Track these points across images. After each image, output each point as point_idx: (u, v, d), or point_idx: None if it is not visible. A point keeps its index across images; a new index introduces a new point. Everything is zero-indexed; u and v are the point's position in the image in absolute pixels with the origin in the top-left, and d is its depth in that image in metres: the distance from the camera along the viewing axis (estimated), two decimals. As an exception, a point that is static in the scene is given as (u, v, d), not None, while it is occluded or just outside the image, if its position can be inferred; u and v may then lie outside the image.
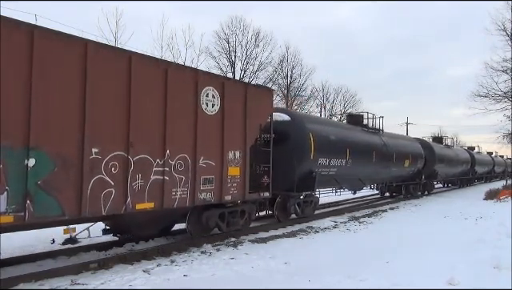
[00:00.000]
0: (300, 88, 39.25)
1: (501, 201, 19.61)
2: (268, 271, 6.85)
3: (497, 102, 27.03)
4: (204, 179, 8.41)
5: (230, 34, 34.05)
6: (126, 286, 5.99)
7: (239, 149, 9.34)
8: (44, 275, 6.24)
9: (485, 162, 40.95)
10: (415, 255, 8.17)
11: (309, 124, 12.58)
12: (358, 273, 6.58)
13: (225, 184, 8.89)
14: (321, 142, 12.72)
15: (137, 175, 7.03)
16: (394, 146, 18.64)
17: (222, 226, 9.37)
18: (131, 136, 6.90)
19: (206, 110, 8.49)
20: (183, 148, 7.96)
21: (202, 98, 8.38)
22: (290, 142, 12.10)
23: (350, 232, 11.23)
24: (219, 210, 9.23)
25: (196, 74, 8.25)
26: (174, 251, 8.19)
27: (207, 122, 8.49)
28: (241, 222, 9.90)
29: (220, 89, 8.82)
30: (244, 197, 9.48)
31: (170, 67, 7.64)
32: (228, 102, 8.98)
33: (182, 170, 7.91)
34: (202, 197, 8.39)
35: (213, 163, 8.62)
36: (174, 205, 7.76)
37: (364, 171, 15.83)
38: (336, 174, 13.92)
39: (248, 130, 9.54)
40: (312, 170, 12.50)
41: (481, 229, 11.31)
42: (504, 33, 25.80)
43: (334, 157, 13.49)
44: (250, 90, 9.71)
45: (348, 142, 14.45)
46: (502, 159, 54.49)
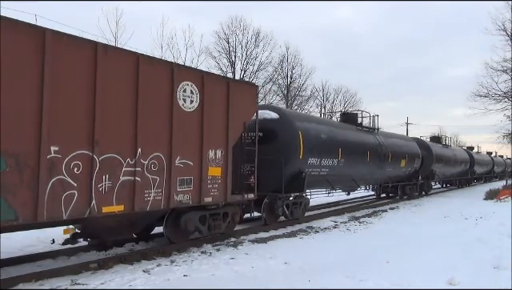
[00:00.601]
0: (300, 88, 39.19)
1: (501, 201, 19.56)
2: (268, 271, 6.84)
3: (497, 102, 27.09)
4: (181, 179, 7.88)
5: (230, 34, 34.09)
6: (126, 286, 5.99)
7: (221, 148, 8.81)
8: (44, 275, 6.23)
9: (484, 162, 40.43)
10: (415, 255, 8.13)
11: (298, 122, 12.06)
12: (358, 273, 6.56)
13: (204, 185, 8.37)
14: (311, 141, 12.20)
15: (103, 176, 6.50)
16: (390, 145, 18.12)
17: (202, 229, 8.84)
18: (97, 133, 6.37)
19: (184, 106, 7.97)
20: (157, 147, 7.43)
21: (179, 93, 7.86)
22: (278, 141, 11.59)
23: (350, 232, 11.18)
24: (199, 212, 8.71)
25: (171, 67, 7.72)
26: (173, 251, 8.19)
27: (185, 120, 7.97)
28: (224, 225, 9.37)
29: (199, 84, 8.29)
30: (226, 199, 8.95)
31: (141, 60, 7.11)
32: (208, 99, 8.45)
33: (155, 170, 7.39)
34: (179, 199, 7.86)
35: (191, 162, 8.10)
36: (146, 208, 7.24)
37: (358, 171, 15.31)
38: (328, 174, 13.39)
39: (230, 128, 9.02)
40: (301, 170, 11.98)
41: (481, 229, 11.26)
42: (504, 33, 25.80)
43: (326, 157, 12.96)
44: (233, 85, 9.19)
45: (340, 141, 13.93)
46: (502, 158, 53.95)
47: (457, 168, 30.12)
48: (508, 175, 46.41)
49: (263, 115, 11.84)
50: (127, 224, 7.68)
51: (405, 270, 6.83)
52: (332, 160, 13.32)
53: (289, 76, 38.19)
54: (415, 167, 21.29)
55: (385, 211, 16.33)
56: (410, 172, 20.97)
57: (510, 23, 25.42)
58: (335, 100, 47.15)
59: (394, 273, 6.61)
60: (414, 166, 21.01)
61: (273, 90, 36.94)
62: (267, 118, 11.77)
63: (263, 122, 11.73)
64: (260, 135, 11.60)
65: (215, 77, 8.92)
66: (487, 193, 23.70)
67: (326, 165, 13.07)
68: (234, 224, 9.91)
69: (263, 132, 11.65)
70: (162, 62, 7.67)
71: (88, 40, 6.36)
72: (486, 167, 41.37)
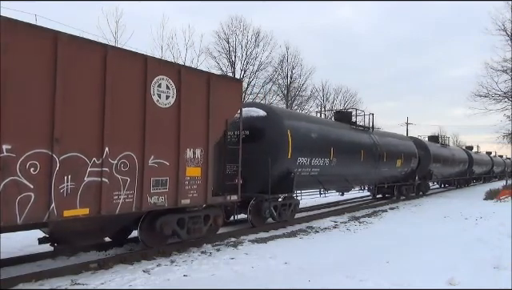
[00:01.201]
0: (300, 88, 39.16)
1: (501, 201, 19.43)
2: (268, 271, 6.82)
3: (497, 102, 27.01)
4: (155, 180, 7.37)
5: (230, 34, 34.08)
6: (126, 286, 5.97)
7: (200, 147, 8.30)
8: (44, 275, 6.21)
9: (483, 162, 39.90)
10: (415, 255, 8.11)
11: (287, 120, 11.54)
12: (358, 273, 6.55)
13: (182, 186, 7.86)
14: (300, 139, 11.69)
15: (65, 177, 5.99)
16: (385, 144, 17.61)
17: (180, 233, 8.32)
18: (57, 130, 5.85)
19: (159, 102, 7.45)
20: (128, 146, 6.92)
21: (153, 88, 7.35)
22: (265, 139, 11.07)
23: (350, 232, 11.15)
24: (177, 215, 8.20)
25: (144, 60, 7.19)
26: (173, 251, 8.17)
27: (159, 117, 7.46)
28: (205, 228, 8.85)
29: (176, 79, 7.78)
30: (206, 200, 8.44)
31: (109, 52, 6.59)
32: (186, 94, 7.94)
33: (126, 170, 6.87)
34: (153, 201, 7.35)
35: (166, 162, 7.59)
36: (115, 211, 6.72)
37: (351, 171, 14.80)
38: (319, 174, 12.88)
39: (211, 126, 8.51)
40: (290, 170, 11.47)
41: (481, 229, 11.22)
42: (504, 33, 25.68)
43: (316, 156, 12.45)
44: (215, 80, 8.67)
45: (332, 140, 13.41)
46: (501, 158, 53.42)
47: (455, 168, 29.61)
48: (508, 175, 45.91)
49: (250, 113, 11.34)
50: (97, 228, 7.17)
51: (405, 270, 6.78)
52: (323, 160, 12.81)
53: (289, 76, 38.24)
54: (412, 167, 20.78)
55: (385, 211, 16.23)
56: (407, 172, 20.45)
57: (510, 23, 25.38)
58: (335, 100, 47.36)
59: (394, 273, 6.57)
60: (410, 166, 20.50)
61: (273, 90, 37.09)
62: (254, 116, 11.26)
63: (250, 120, 11.23)
64: (246, 134, 11.13)
65: (194, 71, 8.40)
66: (487, 193, 23.49)
67: (317, 165, 12.56)
68: (216, 227, 9.40)
69: (250, 130, 11.16)
70: (133, 55, 7.15)
71: (46, 29, 5.84)
72: (485, 167, 40.85)
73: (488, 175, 43.28)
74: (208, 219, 8.96)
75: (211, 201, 8.62)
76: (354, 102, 47.44)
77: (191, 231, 8.51)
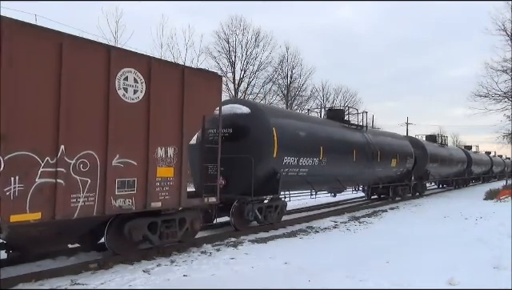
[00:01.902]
0: (300, 88, 39.16)
1: (501, 201, 19.36)
2: (268, 271, 6.82)
3: (497, 102, 27.00)
4: (121, 181, 6.78)
5: (230, 33, 34.21)
6: (126, 286, 5.97)
7: (173, 145, 7.71)
8: (44, 275, 6.18)
9: (482, 161, 39.32)
10: (415, 255, 8.11)
11: (272, 118, 10.96)
12: (358, 273, 6.54)
13: (152, 188, 7.27)
14: (286, 138, 11.11)
15: (12, 178, 5.40)
16: (379, 144, 17.02)
17: (152, 239, 7.74)
18: (2, 127, 5.28)
19: (125, 96, 6.87)
20: (88, 144, 6.33)
21: (119, 81, 6.76)
22: (249, 138, 10.50)
23: (350, 232, 11.13)
24: (148, 219, 7.62)
25: (107, 51, 6.60)
26: (173, 251, 8.14)
27: (126, 112, 6.87)
28: (180, 233, 8.27)
29: (145, 71, 7.19)
30: (180, 203, 7.85)
31: (65, 41, 6.00)
32: (157, 88, 7.35)
33: (86, 171, 6.29)
34: (118, 204, 6.76)
35: (134, 162, 7.00)
36: (73, 215, 6.13)
37: (342, 171, 14.21)
38: (308, 174, 12.30)
39: (186, 123, 7.92)
40: (276, 170, 10.88)
41: (481, 229, 11.21)
42: (504, 33, 25.66)
43: (304, 156, 11.86)
44: (190, 74, 8.08)
45: (322, 138, 12.83)
46: (501, 158, 52.82)
47: (453, 168, 29.03)
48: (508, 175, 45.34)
49: (234, 110, 10.77)
50: (54, 234, 6.59)
51: (405, 270, 6.77)
52: (312, 159, 12.22)
53: (289, 76, 38.23)
54: (407, 167, 20.18)
55: (385, 211, 16.15)
56: (402, 172, 19.86)
57: (510, 23, 25.27)
58: (335, 100, 47.16)
59: (394, 273, 6.56)
60: (406, 166, 19.90)
61: (273, 90, 37.10)
62: (238, 113, 10.68)
63: (233, 118, 10.67)
64: (229, 132, 10.59)
65: (166, 64, 7.82)
66: (487, 193, 23.32)
67: (305, 165, 11.97)
68: (194, 232, 8.81)
69: (233, 128, 10.61)
70: (94, 45, 6.55)
71: (-11, 13, 5.26)
72: (484, 167, 40.26)
73: (487, 175, 42.68)
74: (184, 223, 8.38)
75: (186, 204, 8.03)
76: (354, 102, 47.22)
77: (164, 236, 7.92)
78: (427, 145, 23.96)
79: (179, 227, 8.25)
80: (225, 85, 34.21)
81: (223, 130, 10.67)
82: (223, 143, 10.54)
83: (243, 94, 34.50)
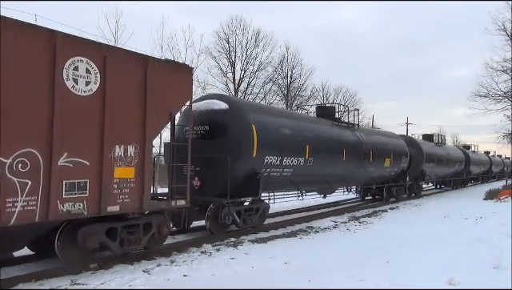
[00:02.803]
0: (300, 88, 39.13)
1: (501, 201, 19.25)
2: (268, 271, 6.82)
3: (497, 102, 26.91)
4: (69, 183, 6.07)
5: (230, 33, 34.09)
6: (126, 286, 5.96)
7: (134, 143, 7.00)
8: (44, 275, 6.17)
9: (481, 161, 38.59)
10: (415, 255, 8.09)
11: (252, 114, 10.24)
12: (358, 273, 6.52)
13: (108, 190, 6.55)
14: (268, 136, 10.40)
15: None
16: (372, 143, 16.30)
17: (111, 246, 7.02)
18: None
19: (75, 88, 6.16)
20: (29, 141, 5.61)
21: (67, 72, 6.05)
22: (227, 135, 9.79)
23: (350, 232, 11.12)
24: (106, 224, 6.91)
25: (51, 37, 5.88)
26: (174, 251, 8.13)
27: (76, 106, 6.17)
28: (145, 239, 7.55)
29: (100, 61, 6.47)
30: (142, 206, 7.13)
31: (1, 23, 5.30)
32: (114, 80, 6.65)
33: (26, 172, 5.57)
34: (66, 209, 6.05)
35: (86, 161, 6.29)
36: (10, 221, 5.41)
37: (332, 171, 13.49)
38: (293, 175, 11.59)
39: (150, 119, 7.20)
40: (256, 170, 10.16)
41: (481, 229, 11.20)
42: (504, 33, 25.54)
43: (289, 155, 11.15)
44: (154, 66, 7.36)
45: (308, 137, 12.11)
46: (500, 158, 52.09)
47: (450, 168, 28.30)
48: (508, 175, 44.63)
49: (211, 106, 10.06)
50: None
51: (405, 270, 6.77)
52: (297, 159, 11.51)
53: (289, 76, 38.08)
54: (402, 167, 19.45)
55: (385, 211, 16.08)
56: (397, 172, 19.13)
57: (510, 23, 25.10)
58: (335, 100, 46.94)
59: (394, 273, 6.57)
60: (400, 165, 19.17)
61: (273, 90, 37.01)
62: (215, 109, 9.97)
63: (211, 114, 9.97)
64: (206, 129, 9.89)
65: (126, 53, 7.08)
66: (487, 193, 23.14)
67: (290, 165, 11.26)
68: (161, 237, 8.08)
69: (210, 125, 9.91)
70: (36, 30, 5.83)
71: None
72: (483, 167, 39.53)
73: (486, 175, 41.96)
74: (150, 228, 7.66)
75: (149, 207, 7.32)
76: (354, 102, 47.24)
77: (126, 242, 7.20)
78: (423, 144, 23.24)
79: (144, 233, 7.54)
80: (225, 85, 34.36)
81: (199, 127, 10.02)
82: (199, 141, 9.91)
83: (243, 94, 34.33)
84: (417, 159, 21.43)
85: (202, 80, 31.74)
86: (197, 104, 10.45)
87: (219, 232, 9.68)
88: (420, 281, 6.11)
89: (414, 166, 21.13)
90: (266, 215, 11.05)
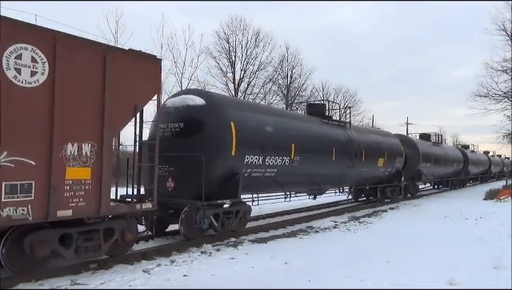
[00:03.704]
0: (300, 88, 38.89)
1: (501, 201, 19.17)
2: (268, 271, 6.82)
3: (497, 102, 26.87)
4: (10, 185, 5.42)
5: (230, 33, 33.95)
6: (126, 286, 5.96)
7: (90, 141, 6.34)
8: (44, 275, 6.14)
9: (480, 161, 37.91)
10: (415, 255, 8.09)
11: (231, 110, 9.58)
12: (358, 273, 6.52)
13: (58, 193, 5.89)
14: (249, 134, 9.75)
15: None
16: (364, 141, 15.63)
17: (65, 254, 6.35)
18: None
19: (17, 79, 5.50)
20: (-42, 137, 4.97)
21: (7, 60, 5.40)
22: (203, 133, 9.13)
23: (350, 232, 11.11)
24: (59, 231, 6.24)
25: (-13, 20, 5.25)
26: (174, 251, 8.12)
27: (19, 99, 5.52)
28: (106, 246, 6.88)
29: (48, 50, 5.82)
30: (100, 210, 6.46)
31: None
32: (66, 71, 5.99)
33: (-45, 172, 4.92)
34: (7, 214, 5.39)
35: (31, 161, 5.63)
36: None
37: (320, 171, 12.83)
38: (277, 175, 10.92)
39: (109, 115, 6.53)
40: (235, 170, 9.49)
41: (481, 229, 11.18)
42: (504, 33, 25.48)
43: (272, 154, 10.48)
44: (115, 56, 6.70)
45: (294, 135, 11.45)
46: (500, 158, 51.39)
47: (448, 168, 27.63)
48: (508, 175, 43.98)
49: (186, 101, 9.41)
50: None
51: (405, 270, 6.78)
52: (282, 158, 10.84)
53: (289, 76, 37.92)
54: (397, 167, 18.78)
55: (385, 211, 16.05)
56: (391, 173, 18.45)
57: (510, 23, 25.01)
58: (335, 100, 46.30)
59: (394, 273, 6.57)
60: (395, 165, 18.51)
61: (273, 90, 36.82)
62: (191, 105, 9.31)
63: (186, 110, 9.32)
64: (181, 126, 9.24)
65: (80, 41, 6.39)
66: (487, 193, 23.04)
67: (273, 164, 10.59)
68: (126, 244, 7.41)
69: (185, 122, 9.26)
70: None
71: None
72: (481, 167, 38.85)
73: (485, 175, 41.28)
74: (112, 234, 7.00)
75: (108, 211, 6.66)
76: (354, 102, 46.84)
77: (82, 250, 6.54)
78: (419, 144, 22.58)
79: (105, 239, 6.87)
80: (225, 85, 34.08)
81: (174, 124, 9.37)
82: (174, 140, 9.28)
83: (243, 94, 34.10)
84: (413, 159, 20.77)
85: (202, 80, 31.62)
86: (172, 100, 9.83)
87: (195, 237, 9.00)
88: (420, 281, 6.09)
89: (410, 166, 20.46)
90: (247, 218, 10.37)
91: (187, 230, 8.81)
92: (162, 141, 9.39)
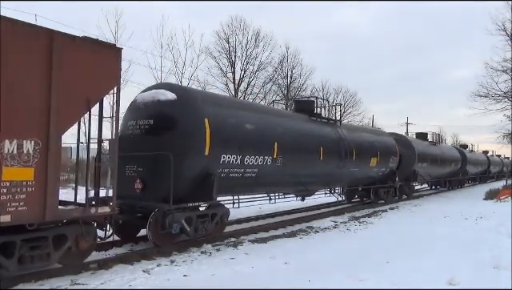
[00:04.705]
0: (300, 88, 38.75)
1: (501, 201, 19.12)
2: (268, 271, 6.83)
3: (497, 102, 26.83)
4: None
5: (230, 33, 33.86)
6: (126, 286, 5.96)
7: (33, 138, 5.66)
8: (44, 275, 6.13)
9: (478, 161, 37.21)
10: (415, 255, 8.08)
11: (206, 106, 8.90)
12: (357, 273, 6.53)
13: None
14: (226, 131, 9.07)
15: None
16: (355, 141, 14.94)
17: (5, 264, 5.65)
18: None
19: None
20: None
21: None
22: (175, 130, 8.47)
23: (350, 232, 11.11)
24: None
25: None
26: (174, 251, 8.07)
27: None
28: (56, 255, 6.19)
29: (-20, 33, 5.15)
30: (45, 215, 5.77)
31: None
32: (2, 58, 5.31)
33: None
34: None
35: (-43, 159, 4.95)
36: None
37: (306, 171, 12.14)
38: (258, 176, 10.23)
39: (56, 109, 5.86)
40: (210, 171, 8.80)
41: (481, 229, 11.20)
42: (504, 33, 25.45)
43: (252, 153, 9.79)
44: (64, 43, 6.02)
45: (277, 133, 10.76)
46: (499, 158, 50.67)
47: (446, 168, 26.93)
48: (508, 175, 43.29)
49: (157, 96, 8.74)
50: None
51: (405, 270, 6.78)
52: (263, 158, 10.15)
53: (289, 76, 37.86)
54: (391, 167, 18.08)
55: (385, 211, 16.02)
56: (385, 173, 17.75)
57: (510, 23, 24.97)
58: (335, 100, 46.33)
59: (394, 273, 6.59)
60: (389, 165, 17.81)
61: (273, 90, 36.72)
62: (161, 100, 8.64)
63: (156, 106, 8.67)
64: (150, 123, 8.58)
65: (20, 25, 5.71)
66: (487, 193, 22.98)
67: (254, 164, 9.90)
68: (81, 252, 6.71)
69: (155, 119, 8.61)
70: None
71: None
72: (480, 167, 38.13)
73: (484, 175, 40.56)
74: (64, 241, 6.31)
75: (55, 216, 5.96)
76: (354, 102, 46.83)
77: (27, 260, 5.84)
78: (415, 143, 21.88)
79: (55, 248, 6.18)
80: (225, 85, 33.82)
81: (143, 121, 8.70)
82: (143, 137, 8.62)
83: (243, 94, 33.83)
84: (408, 159, 20.05)
85: (202, 80, 31.19)
86: (142, 95, 9.17)
87: (165, 244, 8.30)
88: (420, 281, 6.09)
89: (405, 166, 19.75)
90: (224, 221, 9.65)
91: (155, 236, 8.09)
92: (130, 139, 8.82)
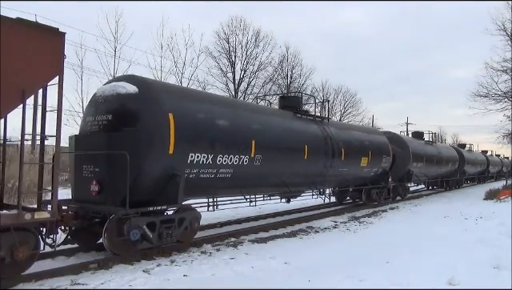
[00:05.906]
0: (300, 88, 38.42)
1: (501, 201, 19.07)
2: (268, 271, 6.83)
3: (497, 102, 26.74)
4: None
5: (230, 33, 33.85)
6: (126, 286, 5.94)
7: None
8: (44, 275, 6.15)
9: (477, 161, 36.38)
10: (415, 254, 8.09)
11: (171, 100, 8.11)
12: (357, 273, 6.52)
13: None
14: (193, 128, 8.29)
15: None
16: (344, 139, 14.15)
17: None
18: None
19: None
20: None
21: None
22: (135, 127, 7.67)
23: (350, 232, 11.13)
24: None
25: None
26: (174, 252, 8.08)
27: None
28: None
29: None
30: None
31: None
32: None
33: None
34: None
35: None
36: None
37: (289, 171, 11.34)
38: (234, 177, 9.43)
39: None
40: (174, 171, 7.99)
41: (481, 229, 11.21)
42: (504, 33, 25.33)
43: (226, 152, 8.99)
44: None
45: (255, 130, 9.97)
46: (498, 158, 49.85)
47: (442, 168, 26.11)
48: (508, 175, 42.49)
49: (117, 89, 7.95)
50: None
51: (405, 270, 6.78)
52: (239, 157, 9.34)
53: (289, 76, 37.90)
54: (384, 167, 17.28)
55: (385, 211, 16.07)
56: (377, 173, 16.95)
57: (510, 23, 24.83)
58: (335, 100, 46.37)
59: (394, 273, 6.58)
60: (381, 165, 17.01)
61: (273, 90, 36.45)
62: (121, 94, 7.84)
63: (115, 100, 7.89)
64: (108, 119, 7.78)
65: None
66: (487, 193, 22.75)
67: (228, 164, 9.09)
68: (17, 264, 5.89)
69: (114, 114, 7.82)
70: None
71: None
72: (479, 167, 37.30)
73: (483, 175, 39.75)
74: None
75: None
76: (354, 102, 46.49)
77: None
78: (410, 142, 21.11)
79: (-17, 259, 5.41)
80: (225, 85, 33.55)
81: (102, 116, 7.92)
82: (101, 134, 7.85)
83: (243, 95, 33.63)
84: (402, 158, 19.29)
85: (202, 80, 30.93)
86: (102, 88, 8.39)
87: (124, 252, 7.48)
88: (420, 281, 6.09)
89: (399, 165, 18.98)
90: (195, 226, 8.80)
91: (111, 243, 7.27)
92: (87, 136, 8.06)
